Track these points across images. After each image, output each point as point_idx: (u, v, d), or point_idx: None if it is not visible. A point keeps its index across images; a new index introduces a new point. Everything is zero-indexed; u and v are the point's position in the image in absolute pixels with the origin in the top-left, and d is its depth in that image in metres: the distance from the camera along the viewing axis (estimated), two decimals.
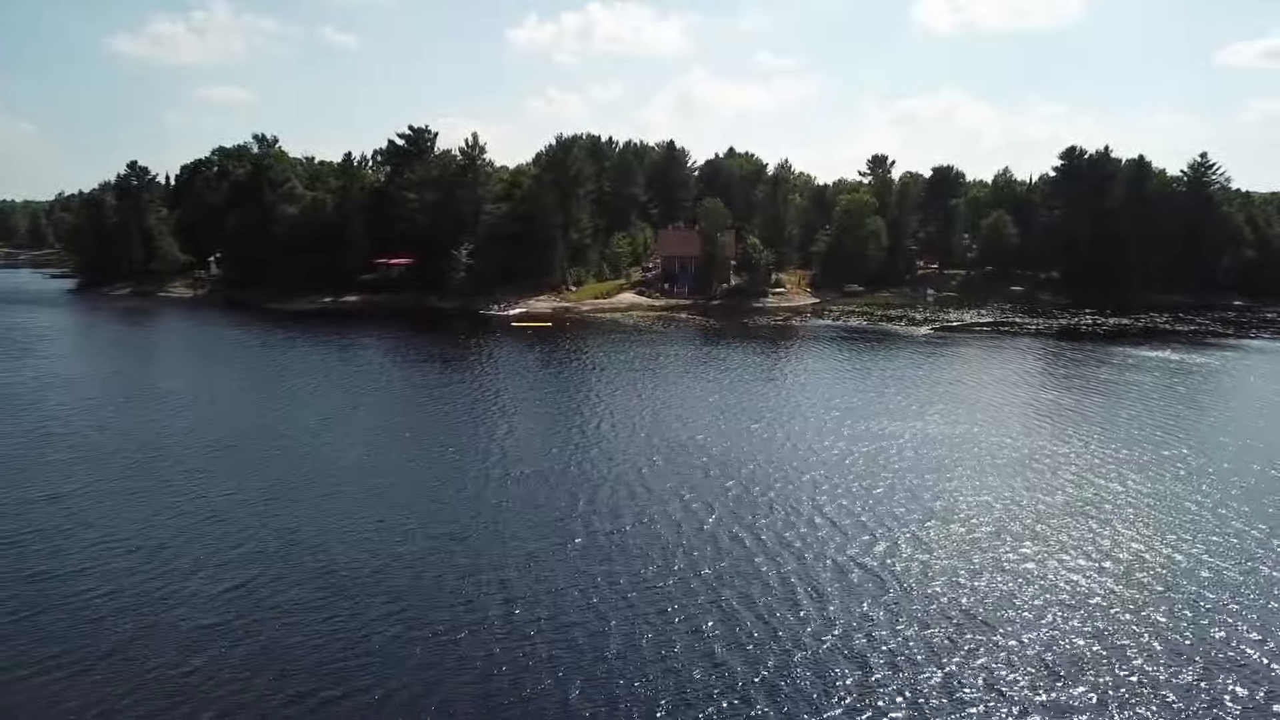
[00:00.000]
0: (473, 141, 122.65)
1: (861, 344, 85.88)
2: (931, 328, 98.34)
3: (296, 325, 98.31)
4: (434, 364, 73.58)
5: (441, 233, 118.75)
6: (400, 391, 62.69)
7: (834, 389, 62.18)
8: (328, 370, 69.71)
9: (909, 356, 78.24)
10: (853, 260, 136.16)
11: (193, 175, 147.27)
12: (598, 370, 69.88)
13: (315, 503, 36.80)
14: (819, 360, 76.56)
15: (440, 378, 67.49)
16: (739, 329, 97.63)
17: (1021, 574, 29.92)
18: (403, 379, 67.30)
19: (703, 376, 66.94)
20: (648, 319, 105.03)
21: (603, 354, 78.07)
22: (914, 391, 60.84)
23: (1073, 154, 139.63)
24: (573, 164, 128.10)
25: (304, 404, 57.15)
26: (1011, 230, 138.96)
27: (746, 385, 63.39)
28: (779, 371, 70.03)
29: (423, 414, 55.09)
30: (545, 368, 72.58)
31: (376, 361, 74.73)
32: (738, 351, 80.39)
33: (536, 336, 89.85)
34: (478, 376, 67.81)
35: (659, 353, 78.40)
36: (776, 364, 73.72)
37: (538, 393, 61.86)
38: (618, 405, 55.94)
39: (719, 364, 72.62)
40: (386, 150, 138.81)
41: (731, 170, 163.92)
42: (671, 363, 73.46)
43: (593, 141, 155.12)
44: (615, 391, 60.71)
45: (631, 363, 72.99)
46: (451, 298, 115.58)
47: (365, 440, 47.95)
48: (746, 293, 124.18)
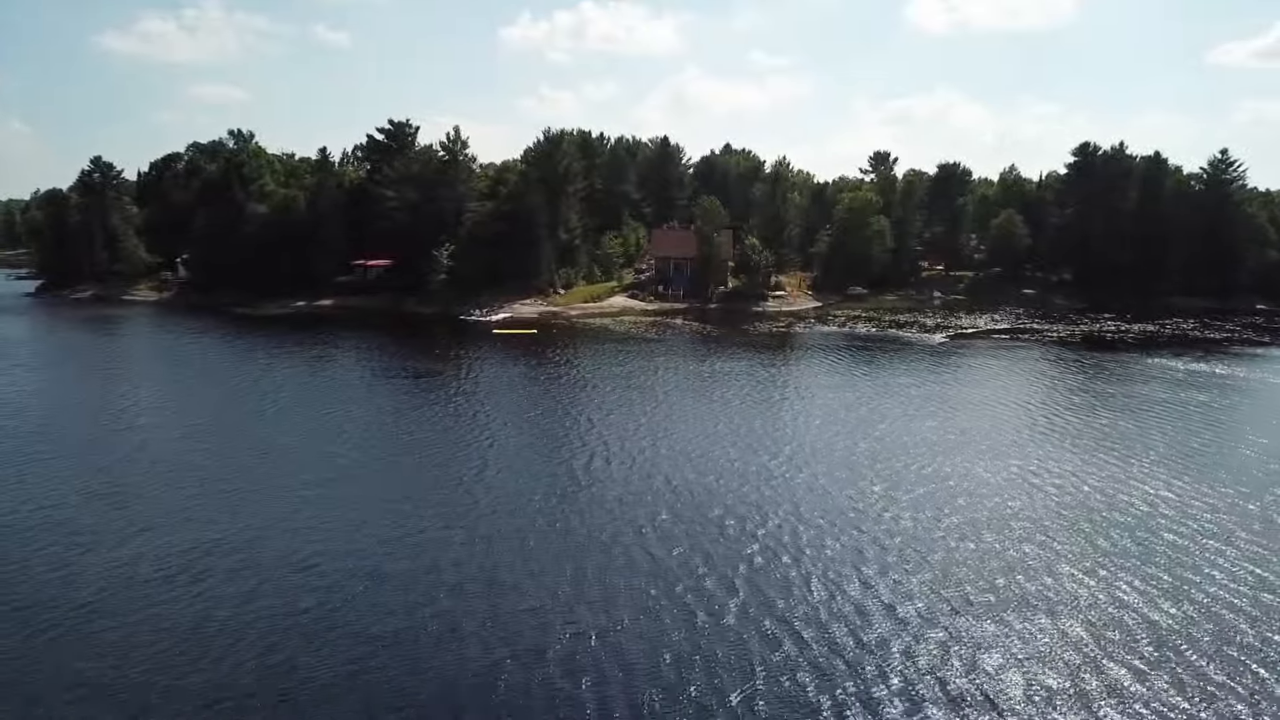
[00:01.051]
0: (454, 136, 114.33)
1: (874, 355, 77.84)
2: (946, 335, 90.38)
3: (260, 332, 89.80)
4: (400, 381, 65.22)
5: (421, 232, 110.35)
6: (357, 418, 54.26)
7: (855, 413, 54.04)
8: (277, 389, 61.23)
9: (929, 370, 70.26)
10: (856, 262, 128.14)
11: (162, 172, 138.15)
12: (584, 389, 61.60)
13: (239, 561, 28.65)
14: (831, 375, 68.46)
15: (407, 398, 59.17)
16: (739, 337, 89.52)
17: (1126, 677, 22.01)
18: (363, 401, 58.81)
19: (705, 397, 58.75)
20: (640, 325, 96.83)
21: (590, 367, 69.85)
22: (949, 416, 52.79)
23: (1086, 151, 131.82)
24: (561, 160, 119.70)
25: (239, 436, 48.79)
26: (1022, 230, 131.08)
27: (756, 409, 55.22)
28: (790, 390, 61.88)
29: (379, 448, 46.77)
30: (525, 386, 64.22)
31: (337, 378, 66.25)
32: (741, 365, 72.28)
33: (519, 345, 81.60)
34: (449, 398, 59.42)
35: (653, 366, 70.22)
36: (786, 381, 65.59)
37: (515, 419, 53.51)
38: (610, 436, 47.71)
39: (722, 382, 64.45)
40: (366, 145, 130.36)
41: (728, 167, 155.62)
42: (668, 379, 65.25)
43: (583, 137, 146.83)
44: (606, 417, 52.47)
45: (623, 379, 64.81)
46: (431, 302, 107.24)
47: (302, 489, 39.64)
48: (745, 296, 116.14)
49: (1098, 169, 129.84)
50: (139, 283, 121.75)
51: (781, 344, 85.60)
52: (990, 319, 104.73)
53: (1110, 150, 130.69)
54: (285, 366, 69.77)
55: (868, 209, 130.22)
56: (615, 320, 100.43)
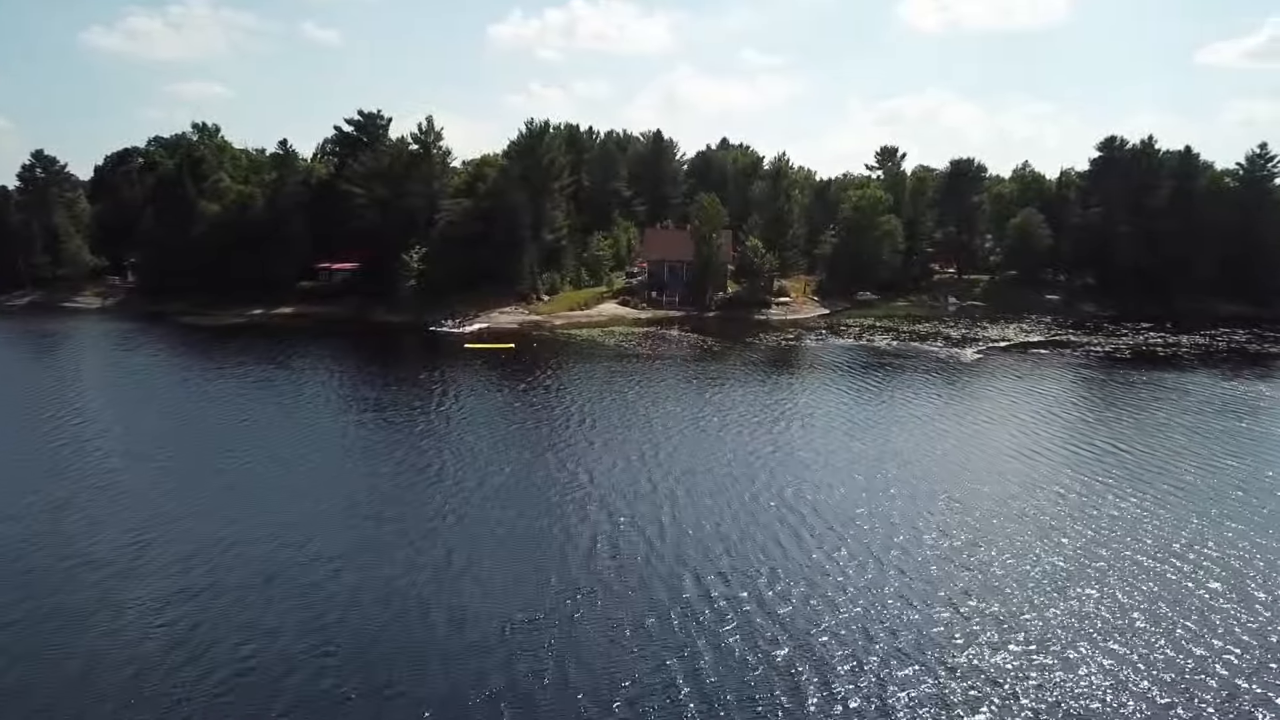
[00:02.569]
0: (427, 126, 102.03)
1: (902, 376, 66.29)
2: (977, 350, 78.87)
3: (202, 347, 77.88)
4: (344, 415, 53.37)
5: (390, 233, 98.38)
6: (273, 473, 42.50)
7: (899, 462, 42.53)
8: (179, 426, 49.46)
9: (972, 396, 58.84)
10: (864, 265, 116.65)
11: (115, 167, 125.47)
12: (566, 427, 49.83)
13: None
14: (861, 406, 56.81)
15: (345, 450, 47.37)
16: (744, 352, 77.89)
17: None
18: (281, 456, 47.04)
19: (715, 436, 47.08)
20: (632, 337, 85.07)
21: (574, 395, 58.10)
22: (1012, 468, 41.38)
23: (1112, 145, 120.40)
24: (545, 153, 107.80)
25: (140, 498, 36.97)
26: (1044, 230, 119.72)
27: (778, 458, 43.58)
28: (815, 429, 50.26)
29: (301, 514, 35.04)
30: (494, 423, 52.19)
31: (265, 417, 54.19)
32: (751, 392, 60.68)
33: (493, 364, 69.84)
34: (400, 439, 47.65)
35: (649, 394, 58.50)
36: (808, 415, 53.92)
37: (481, 469, 41.74)
38: (600, 501, 36.10)
39: (732, 417, 52.76)
40: (334, 138, 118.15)
41: (725, 164, 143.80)
42: (667, 411, 53.49)
43: (570, 130, 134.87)
44: (594, 470, 40.83)
45: (613, 412, 53.11)
46: (400, 309, 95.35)
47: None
48: (746, 302, 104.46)
49: (1124, 165, 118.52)
50: (84, 288, 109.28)
51: (793, 361, 73.92)
52: (1018, 329, 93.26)
53: (1139, 145, 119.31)
54: (208, 399, 57.82)
55: (877, 208, 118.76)
56: (604, 331, 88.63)
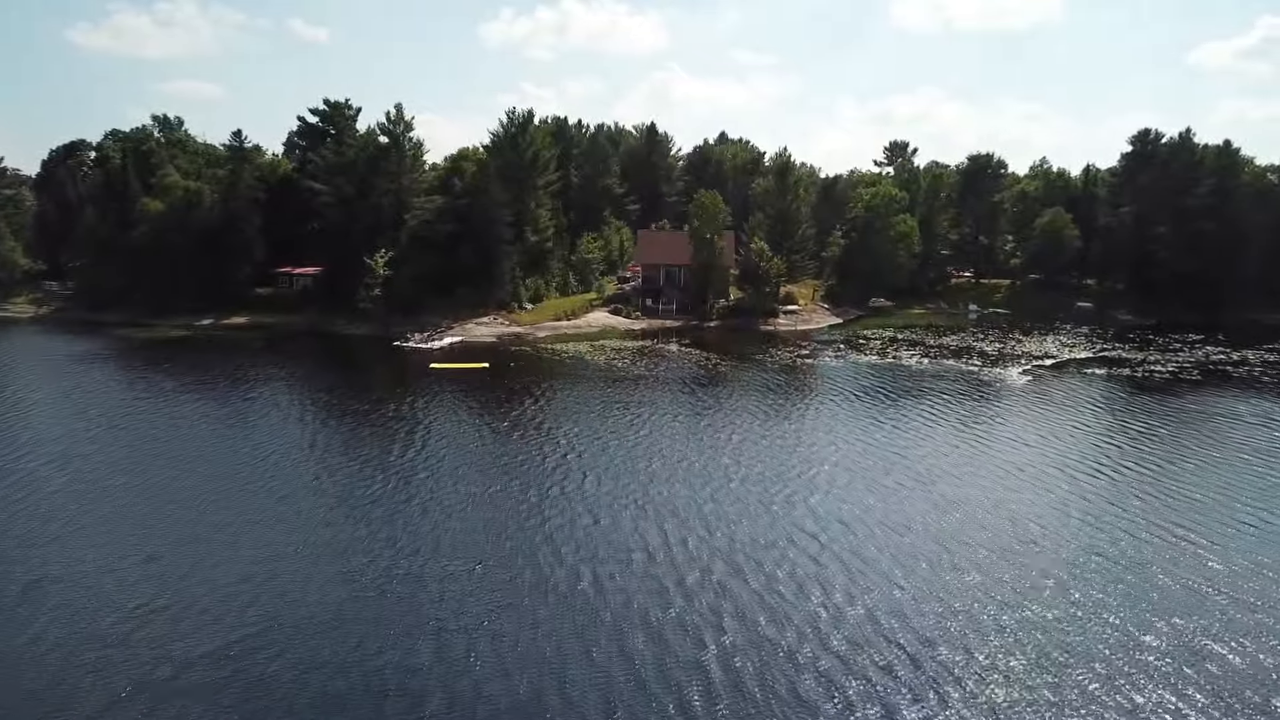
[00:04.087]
0: (395, 115, 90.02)
1: (948, 405, 54.93)
2: (1022, 369, 67.63)
3: (130, 362, 66.31)
4: (260, 467, 41.84)
5: (355, 234, 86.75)
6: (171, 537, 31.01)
7: (980, 536, 31.25)
8: (62, 474, 37.89)
9: (1037, 433, 47.52)
10: (878, 269, 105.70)
11: (60, 162, 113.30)
12: (544, 486, 38.41)
13: None
14: (907, 445, 45.37)
15: (261, 505, 35.86)
16: (753, 371, 66.53)
17: None
18: (189, 504, 35.50)
19: (734, 497, 35.77)
20: (624, 353, 73.62)
21: (555, 434, 46.62)
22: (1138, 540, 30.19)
23: (1146, 139, 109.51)
24: (529, 146, 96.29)
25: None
26: (1073, 232, 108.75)
27: (822, 528, 32.25)
28: (861, 483, 38.95)
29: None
30: (457, 478, 40.67)
31: (151, 467, 42.77)
32: (773, 428, 49.35)
33: (462, 389, 58.37)
34: (333, 503, 36.17)
35: (646, 433, 47.01)
36: (849, 460, 42.63)
37: (437, 549, 30.34)
38: (589, 600, 24.76)
39: (754, 463, 41.40)
40: (298, 130, 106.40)
41: (723, 160, 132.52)
42: (671, 458, 42.01)
43: (558, 123, 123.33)
44: (579, 551, 29.46)
45: (602, 458, 41.62)
46: (363, 320, 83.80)
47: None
48: (750, 311, 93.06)
49: (1161, 161, 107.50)
50: (16, 294, 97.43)
51: (815, 386, 62.38)
52: (1058, 343, 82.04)
53: (1176, 138, 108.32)
54: (97, 446, 46.25)
55: (891, 207, 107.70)
56: (593, 346, 77.08)
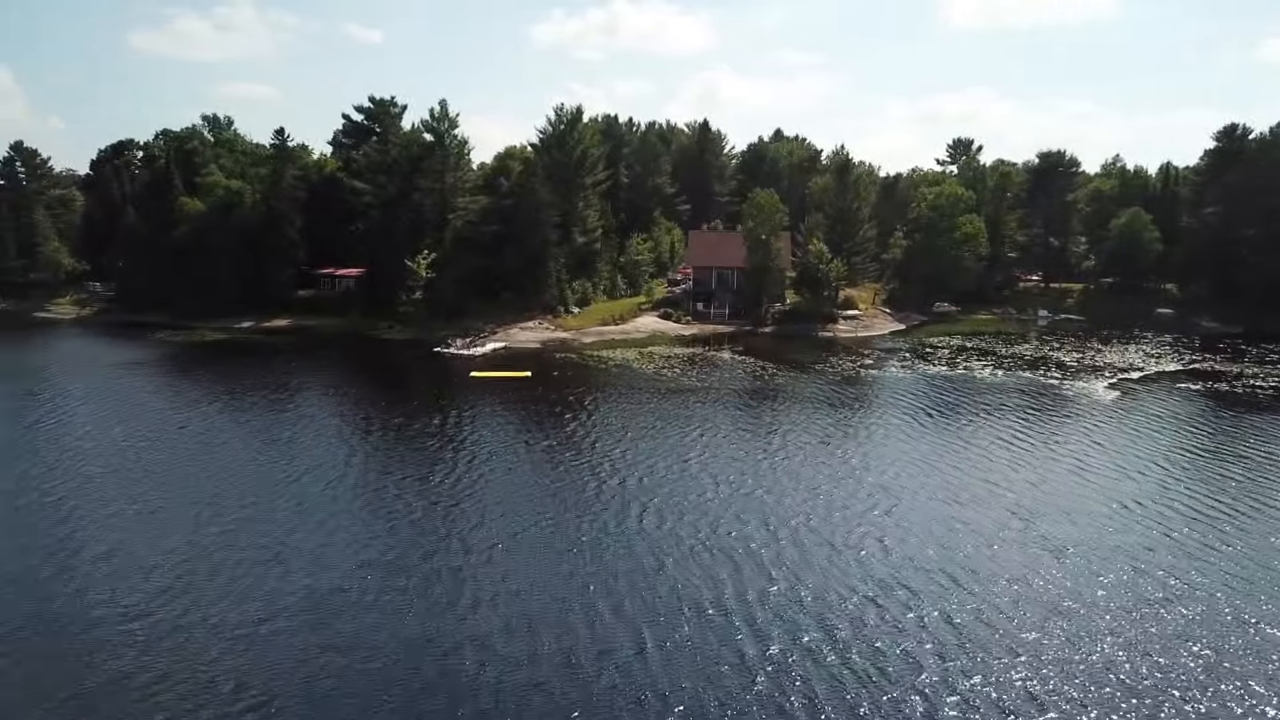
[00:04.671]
0: (440, 112, 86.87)
1: (1027, 421, 49.62)
2: (1108, 383, 61.87)
3: (156, 369, 63.79)
4: (286, 485, 38.35)
5: (397, 235, 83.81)
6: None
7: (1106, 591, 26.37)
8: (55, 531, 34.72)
9: (1140, 459, 42.08)
10: (942, 272, 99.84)
11: (107, 162, 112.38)
12: (601, 516, 34.29)
13: None
14: (990, 470, 40.37)
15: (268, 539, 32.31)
16: (816, 383, 61.70)
17: None
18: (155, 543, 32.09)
19: (806, 539, 31.14)
20: (674, 361, 69.33)
21: (604, 452, 42.46)
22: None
23: (1233, 135, 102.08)
24: (577, 144, 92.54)
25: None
26: (1153, 233, 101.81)
27: (910, 572, 27.66)
28: (946, 521, 34.19)
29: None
30: (502, 505, 36.83)
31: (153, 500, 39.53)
32: (840, 447, 44.69)
33: (503, 398, 54.65)
34: (352, 538, 32.49)
35: (699, 455, 42.69)
36: (929, 489, 37.86)
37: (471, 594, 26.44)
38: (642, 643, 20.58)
39: (818, 490, 36.86)
40: (344, 128, 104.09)
41: (778, 157, 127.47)
42: (728, 487, 37.58)
43: (608, 121, 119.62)
44: (643, 610, 25.30)
45: (650, 480, 37.45)
46: (405, 324, 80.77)
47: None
48: (807, 317, 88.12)
49: (1249, 158, 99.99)
50: (62, 295, 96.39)
51: (882, 400, 57.34)
52: (1141, 353, 75.75)
53: (1267, 134, 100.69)
54: (121, 455, 43.26)
55: (957, 207, 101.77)
56: (641, 353, 72.89)
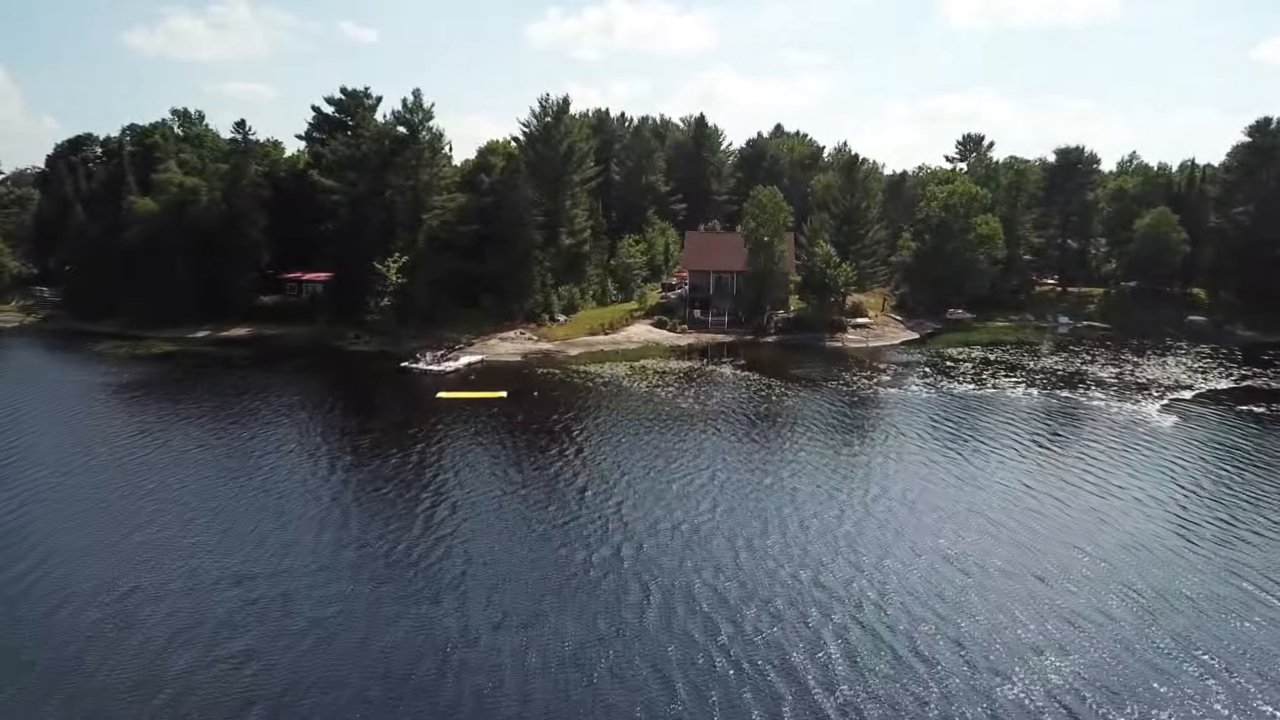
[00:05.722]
0: (413, 103, 78.95)
1: (1083, 455, 42.26)
2: (1159, 405, 54.42)
3: (87, 386, 55.98)
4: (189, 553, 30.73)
5: (366, 236, 76.13)
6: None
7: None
8: None
9: (1237, 515, 34.76)
10: (956, 276, 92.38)
11: (63, 158, 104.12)
12: (584, 596, 26.79)
13: None
14: (1057, 528, 32.96)
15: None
16: (828, 404, 54.19)
17: None
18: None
19: (845, 633, 23.84)
20: (669, 377, 61.72)
21: (589, 499, 34.92)
22: None
23: (1266, 129, 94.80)
24: (564, 137, 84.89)
25: None
26: (1180, 235, 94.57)
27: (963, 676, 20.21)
28: (1018, 606, 26.77)
29: None
30: (459, 588, 29.32)
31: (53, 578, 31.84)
32: (862, 486, 37.20)
33: (473, 422, 47.07)
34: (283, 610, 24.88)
35: (703, 504, 35.13)
36: (976, 552, 30.42)
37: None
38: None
39: (849, 557, 29.38)
40: (313, 121, 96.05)
41: (779, 154, 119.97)
42: (742, 555, 30.11)
43: (599, 116, 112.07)
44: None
45: (651, 553, 29.91)
46: (372, 334, 73.09)
47: None
48: (813, 325, 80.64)
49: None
50: (6, 300, 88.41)
51: (904, 424, 49.74)
52: (1184, 367, 68.29)
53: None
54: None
55: (971, 206, 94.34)
56: (632, 368, 65.23)
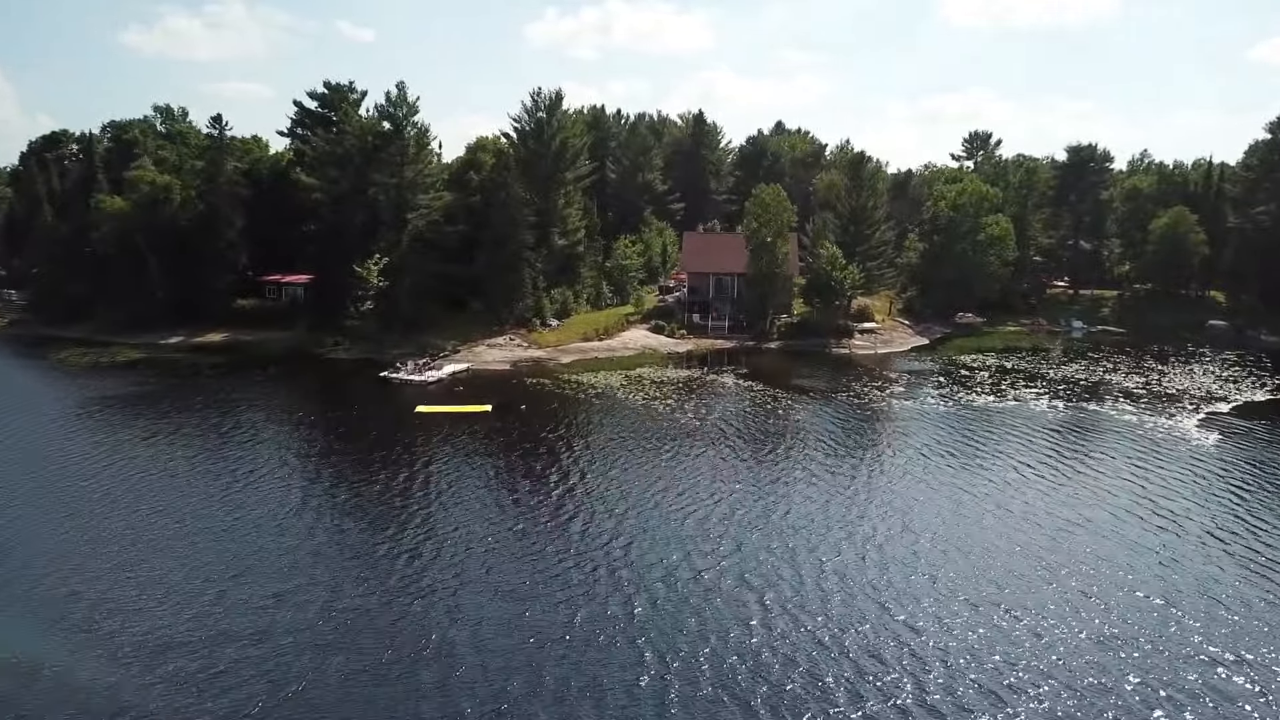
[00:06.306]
0: (397, 96, 74.57)
1: (1124, 477, 38.18)
2: (1196, 419, 50.30)
3: (38, 399, 51.67)
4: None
5: (348, 237, 71.83)
6: None
7: None
8: None
9: None
10: (965, 279, 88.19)
11: (36, 155, 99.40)
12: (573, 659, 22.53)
13: None
14: (1118, 577, 28.86)
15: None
16: (839, 418, 49.96)
17: None
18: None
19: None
20: (666, 388, 57.45)
21: (579, 538, 30.73)
22: None
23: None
24: (557, 133, 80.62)
25: None
26: (1199, 236, 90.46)
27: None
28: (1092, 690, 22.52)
29: None
30: (432, 648, 25.07)
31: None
32: (882, 522, 33.05)
33: (453, 439, 42.83)
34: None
35: (707, 546, 30.97)
36: (1031, 606, 26.27)
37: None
38: None
39: (879, 609, 25.20)
40: (295, 118, 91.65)
41: (780, 152, 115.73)
42: (755, 612, 26.02)
43: (594, 113, 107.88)
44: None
45: (646, 608, 25.80)
46: (353, 341, 68.85)
47: None
48: (818, 330, 76.46)
49: None
50: None
51: (924, 443, 45.46)
52: (1214, 376, 64.11)
53: None
54: None
55: (982, 206, 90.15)
56: (627, 376, 60.95)
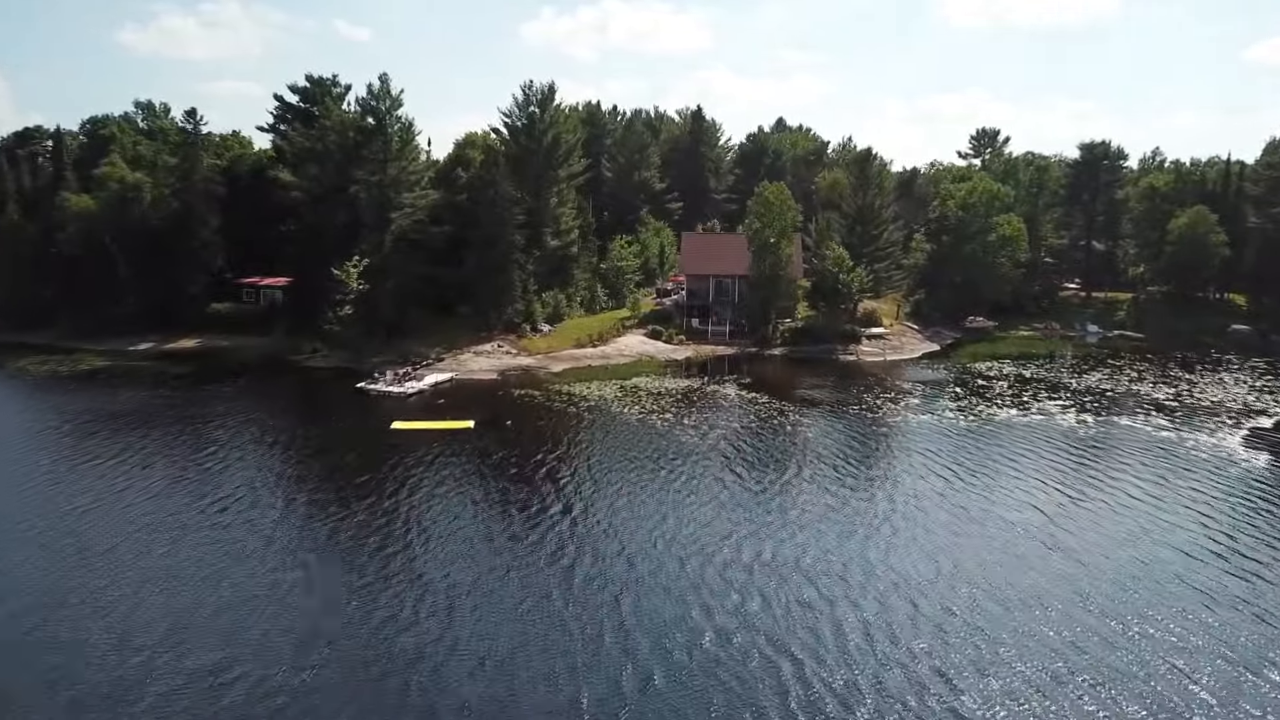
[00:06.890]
0: (380, 89, 70.26)
1: (1168, 499, 34.12)
2: (1239, 436, 46.19)
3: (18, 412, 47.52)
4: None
5: (328, 237, 67.59)
6: None
7: None
8: None
9: None
10: (976, 281, 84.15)
11: (7, 152, 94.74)
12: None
13: None
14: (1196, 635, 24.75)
15: None
16: (852, 435, 45.81)
17: None
18: None
19: None
20: (664, 399, 53.23)
21: (570, 591, 26.65)
22: None
23: None
24: (548, 129, 76.40)
25: None
26: (1219, 236, 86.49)
27: None
28: None
29: None
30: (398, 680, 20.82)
31: None
32: (911, 568, 28.96)
33: (430, 460, 38.65)
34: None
35: (713, 600, 26.91)
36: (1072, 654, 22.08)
37: None
38: None
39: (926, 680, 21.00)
40: (276, 113, 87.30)
41: (781, 150, 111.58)
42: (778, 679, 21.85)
43: (589, 109, 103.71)
44: None
45: (647, 673, 21.66)
46: (332, 347, 64.61)
47: None
48: (824, 335, 72.31)
49: None
50: None
51: (948, 467, 41.33)
52: (1248, 386, 59.88)
53: None
54: None
55: (993, 205, 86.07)
56: (623, 387, 56.69)
